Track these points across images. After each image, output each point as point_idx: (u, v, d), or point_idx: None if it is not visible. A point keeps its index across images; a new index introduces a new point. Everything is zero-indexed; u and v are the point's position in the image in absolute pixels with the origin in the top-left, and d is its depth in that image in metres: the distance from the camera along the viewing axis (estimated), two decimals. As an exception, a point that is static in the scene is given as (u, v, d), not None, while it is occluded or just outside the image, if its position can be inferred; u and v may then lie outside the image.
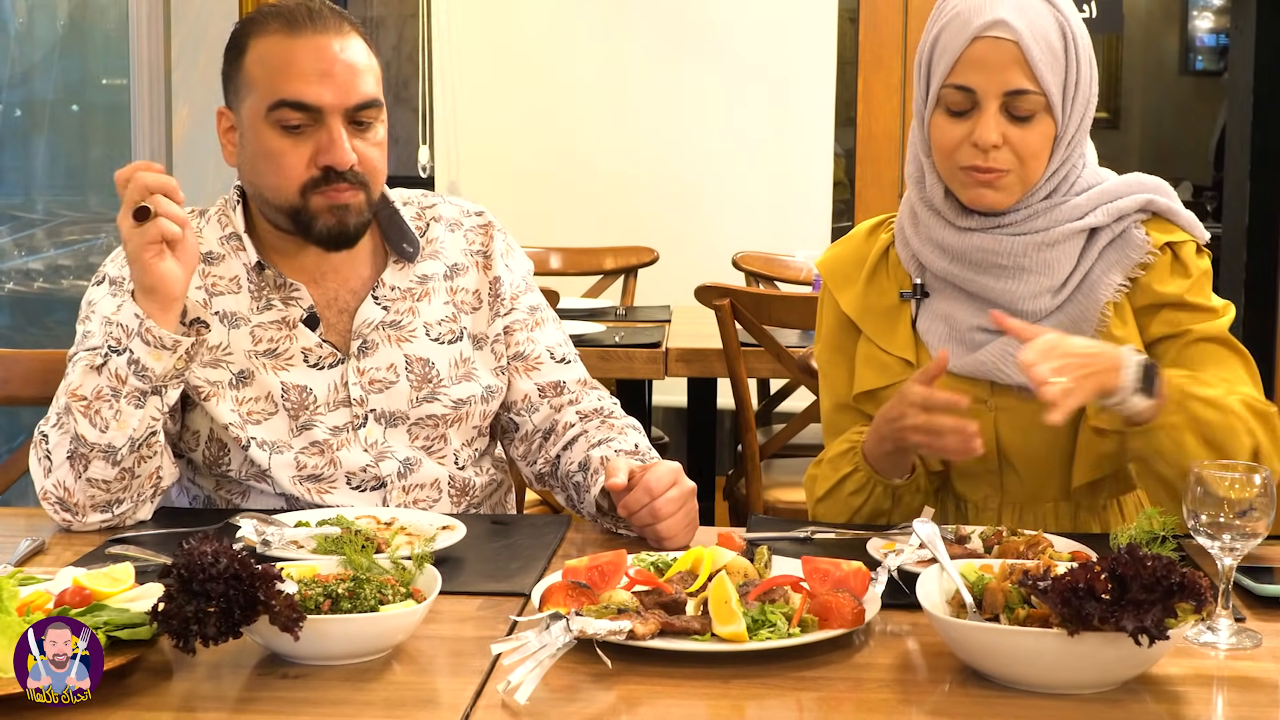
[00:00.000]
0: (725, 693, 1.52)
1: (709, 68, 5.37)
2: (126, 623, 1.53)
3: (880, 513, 2.14)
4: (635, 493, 1.96)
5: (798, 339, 3.73)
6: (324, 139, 2.08)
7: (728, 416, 4.79)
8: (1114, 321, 2.09)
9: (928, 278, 2.17)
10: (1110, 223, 2.10)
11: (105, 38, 4.38)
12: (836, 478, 2.15)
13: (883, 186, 5.41)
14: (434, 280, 2.24)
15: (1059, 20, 2.04)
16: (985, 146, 2.04)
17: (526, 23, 5.41)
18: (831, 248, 2.32)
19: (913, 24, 5.34)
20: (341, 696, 1.50)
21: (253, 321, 2.16)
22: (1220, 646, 1.64)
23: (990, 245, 2.09)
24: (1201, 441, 1.94)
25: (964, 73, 2.04)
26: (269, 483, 2.14)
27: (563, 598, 1.64)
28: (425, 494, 2.20)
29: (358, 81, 2.10)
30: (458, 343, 2.23)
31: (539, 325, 2.29)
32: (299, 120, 2.08)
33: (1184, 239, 2.11)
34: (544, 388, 2.27)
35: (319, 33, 2.09)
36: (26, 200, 4.46)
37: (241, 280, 2.18)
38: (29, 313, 4.50)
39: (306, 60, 2.08)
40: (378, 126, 2.14)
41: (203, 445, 2.16)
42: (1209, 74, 8.79)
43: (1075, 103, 2.06)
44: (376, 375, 2.18)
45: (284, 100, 2.08)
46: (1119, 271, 2.09)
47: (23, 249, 4.43)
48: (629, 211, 5.32)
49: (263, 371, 2.14)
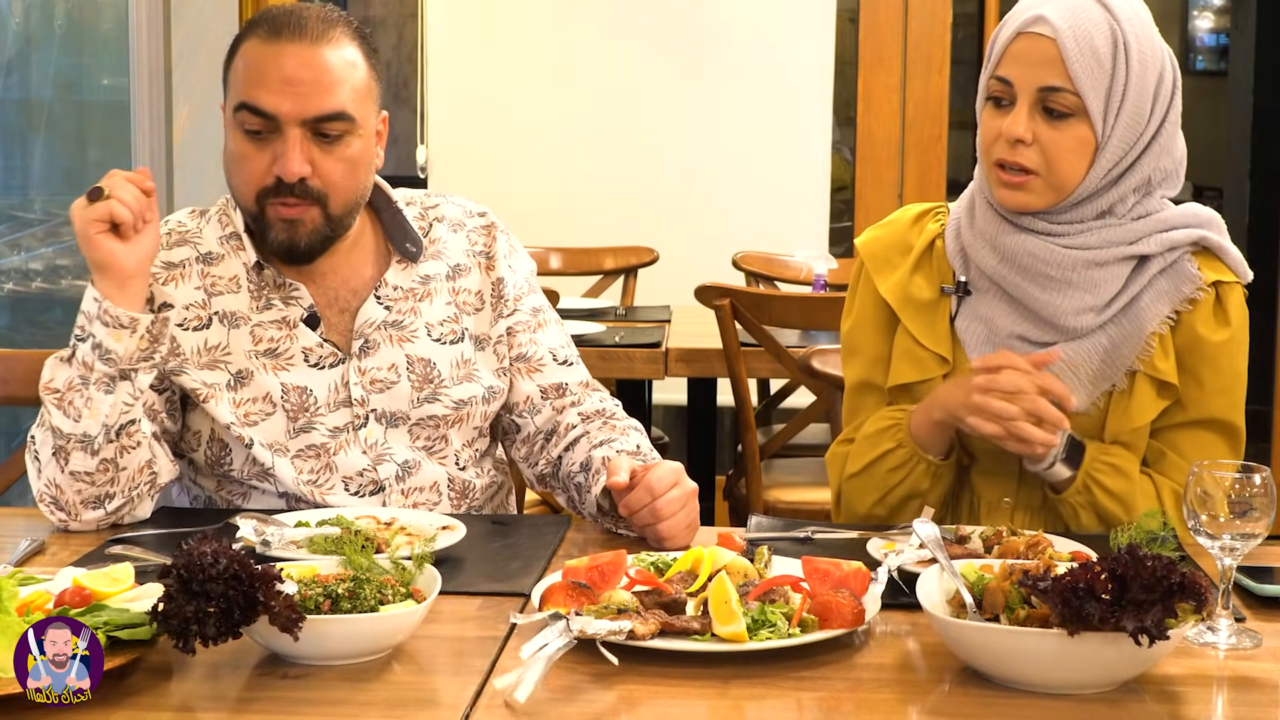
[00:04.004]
0: (725, 693, 1.52)
1: (708, 68, 5.37)
2: (126, 623, 1.53)
3: (916, 494, 2.14)
4: (636, 492, 1.96)
5: (798, 339, 3.72)
6: (279, 148, 2.08)
7: (728, 416, 4.78)
8: (1158, 353, 2.11)
9: (973, 275, 2.16)
10: (1162, 252, 2.10)
11: (104, 37, 4.38)
12: (874, 454, 2.15)
13: (883, 186, 5.40)
14: (436, 280, 2.24)
15: (1113, 28, 2.03)
16: (1011, 138, 2.04)
17: (526, 22, 5.41)
18: (872, 229, 2.29)
19: (913, 24, 5.34)
20: (341, 696, 1.50)
21: (252, 321, 2.16)
22: (1220, 646, 1.64)
23: (1041, 253, 2.09)
24: (1099, 523, 2.10)
25: (1005, 65, 2.06)
26: (271, 482, 2.14)
27: (563, 598, 1.64)
28: (425, 497, 2.20)
29: (323, 93, 2.08)
30: (459, 343, 2.23)
31: (541, 327, 2.29)
32: (257, 126, 2.08)
33: (1231, 280, 2.13)
34: (546, 389, 2.27)
35: (295, 40, 2.08)
36: (25, 200, 4.46)
37: (241, 280, 2.17)
38: (27, 312, 4.50)
39: (274, 67, 2.08)
40: (350, 140, 2.11)
41: (204, 445, 2.16)
42: (1209, 74, 8.81)
43: (1121, 115, 2.04)
44: (378, 375, 2.17)
45: (244, 103, 2.09)
46: (1167, 302, 2.11)
47: (21, 249, 4.43)
48: (629, 211, 5.32)
49: (262, 372, 2.14)
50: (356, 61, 2.13)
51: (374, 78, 2.16)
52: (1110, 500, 2.08)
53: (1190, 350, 2.12)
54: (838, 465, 2.23)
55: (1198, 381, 2.12)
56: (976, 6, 5.84)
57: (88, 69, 4.52)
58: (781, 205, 5.40)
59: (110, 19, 4.32)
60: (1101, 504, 2.08)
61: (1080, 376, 2.10)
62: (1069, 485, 2.09)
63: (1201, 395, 2.12)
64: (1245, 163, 6.84)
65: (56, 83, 4.45)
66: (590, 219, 5.27)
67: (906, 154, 5.38)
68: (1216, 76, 8.24)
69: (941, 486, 2.15)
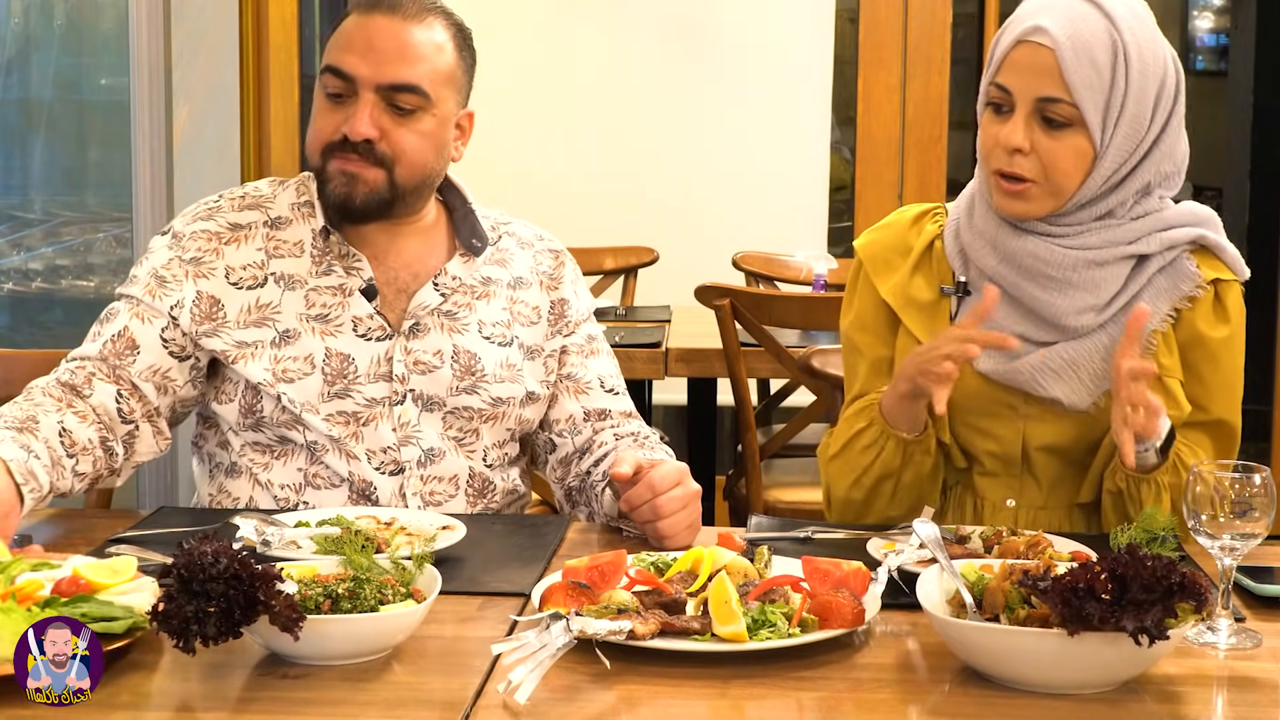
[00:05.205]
0: (725, 693, 1.52)
1: (708, 68, 5.37)
2: (102, 616, 1.54)
3: (889, 473, 2.13)
4: (638, 488, 1.96)
5: (798, 339, 3.72)
6: (352, 109, 2.14)
7: (728, 416, 4.78)
8: (1161, 349, 2.11)
9: (972, 276, 2.16)
10: (1161, 251, 2.11)
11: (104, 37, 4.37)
12: (850, 434, 2.16)
13: (882, 186, 5.40)
14: (497, 285, 2.28)
15: (1113, 37, 2.02)
16: (1009, 148, 2.04)
17: (526, 22, 5.41)
18: (871, 231, 2.30)
19: (913, 24, 5.34)
20: (341, 696, 1.50)
21: (309, 285, 2.19)
22: (1220, 646, 1.64)
23: (1042, 254, 2.09)
24: (1172, 506, 2.04)
25: (1004, 73, 2.06)
26: (300, 431, 2.16)
27: (563, 598, 1.64)
28: (443, 488, 2.21)
29: (401, 63, 2.14)
30: (507, 347, 2.25)
31: (594, 354, 2.34)
32: (337, 88, 2.15)
33: (1229, 278, 2.13)
34: (590, 413, 2.30)
35: (388, 15, 2.16)
36: (25, 200, 4.46)
37: (305, 245, 2.21)
38: (27, 312, 4.50)
39: (360, 35, 2.15)
40: (423, 117, 2.16)
41: (239, 396, 2.17)
42: (1209, 74, 8.81)
43: (1120, 126, 2.04)
44: (422, 357, 2.20)
45: (328, 66, 2.16)
46: (1167, 301, 2.11)
47: (21, 249, 4.43)
48: (629, 211, 5.31)
49: (309, 335, 2.17)
50: (444, 45, 2.19)
51: (461, 69, 2.22)
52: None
53: (1192, 347, 2.12)
54: (823, 452, 2.24)
55: (1199, 378, 2.12)
56: (976, 6, 5.84)
57: (88, 69, 4.51)
58: (781, 205, 5.40)
59: (110, 19, 4.31)
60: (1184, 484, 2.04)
61: (1082, 376, 2.10)
62: (1158, 467, 2.05)
63: (1204, 392, 2.13)
64: (1245, 163, 6.83)
65: (56, 83, 4.44)
66: (590, 219, 5.26)
67: (906, 154, 5.38)
68: (1216, 76, 8.23)
69: (914, 469, 2.13)
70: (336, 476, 2.16)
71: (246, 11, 4.19)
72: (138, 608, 1.59)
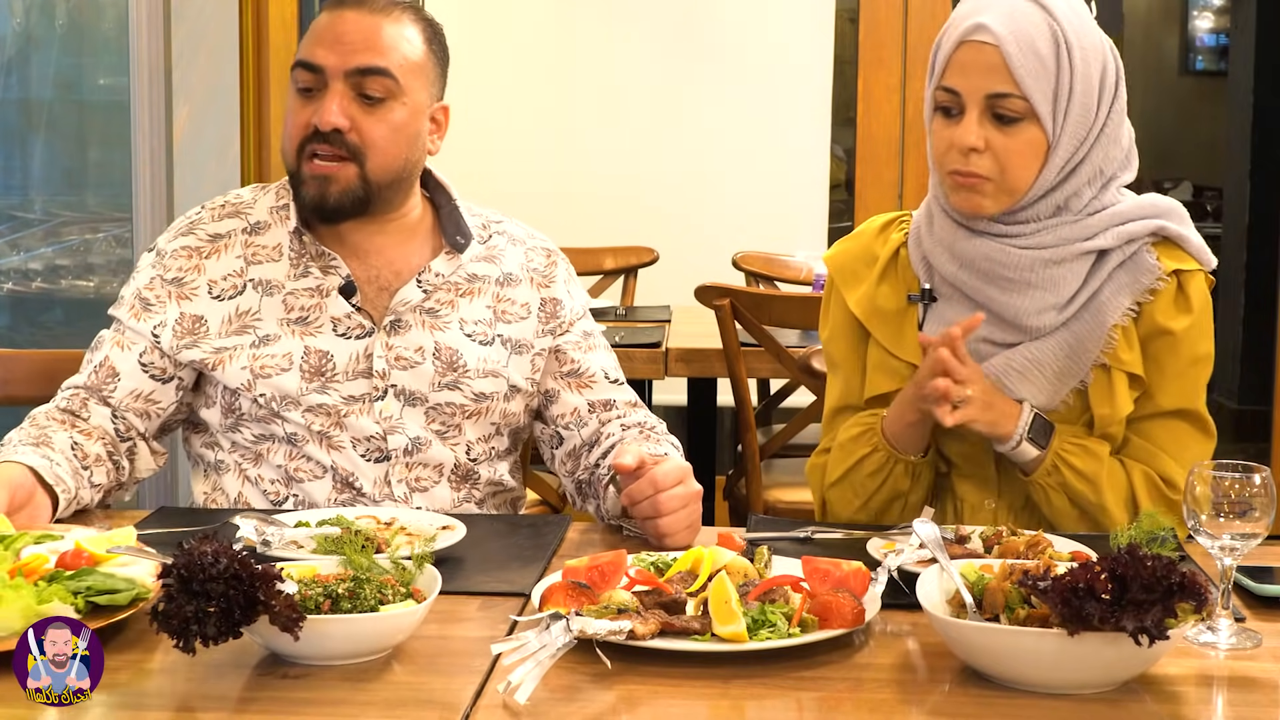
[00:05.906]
0: (725, 693, 1.52)
1: (708, 68, 5.37)
2: (106, 589, 1.58)
3: (898, 494, 2.15)
4: (640, 483, 1.96)
5: (798, 339, 3.72)
6: (322, 101, 2.14)
7: (728, 416, 4.78)
8: (1121, 344, 2.11)
9: (936, 282, 2.18)
10: (1120, 245, 2.11)
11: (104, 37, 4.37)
12: (852, 460, 2.16)
13: (882, 187, 5.40)
14: (484, 282, 2.27)
15: (1052, 28, 2.03)
16: (963, 149, 2.05)
17: (526, 22, 5.41)
18: (840, 243, 2.31)
19: (913, 24, 5.34)
20: (341, 696, 1.50)
21: (286, 289, 2.20)
22: (1220, 646, 1.64)
23: (998, 256, 2.10)
24: (1070, 505, 2.10)
25: (951, 75, 2.07)
26: (280, 424, 2.17)
27: (563, 598, 1.64)
28: (427, 474, 2.21)
29: (368, 50, 2.14)
30: (489, 346, 2.24)
31: (593, 349, 2.34)
32: (308, 81, 2.15)
33: (1192, 268, 2.12)
34: (595, 404, 2.30)
35: (356, 9, 2.16)
36: (25, 200, 4.45)
37: (284, 248, 2.22)
38: (27, 312, 4.50)
39: (329, 29, 2.16)
40: (393, 105, 2.16)
41: (220, 398, 2.19)
42: (1209, 74, 8.79)
43: (1070, 114, 2.05)
44: (404, 353, 2.20)
45: (297, 61, 2.16)
46: (1128, 295, 2.11)
47: (21, 249, 4.43)
48: (629, 211, 5.31)
49: (289, 337, 2.18)
50: (413, 38, 2.19)
51: (432, 61, 2.21)
52: (1079, 480, 2.09)
53: (1152, 339, 2.12)
54: (818, 476, 2.25)
55: (1160, 369, 2.12)
56: (976, 6, 5.84)
57: (88, 69, 4.51)
58: (781, 205, 5.40)
59: (110, 19, 4.31)
60: (1071, 485, 2.09)
61: (1046, 374, 2.11)
62: (1038, 466, 2.10)
63: (1163, 381, 2.13)
64: (1245, 163, 6.83)
65: (56, 83, 4.44)
66: (590, 219, 5.26)
67: (906, 154, 5.37)
68: (1216, 76, 8.22)
69: (922, 486, 2.16)
70: (319, 468, 2.18)
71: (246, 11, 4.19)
72: (140, 579, 1.64)
